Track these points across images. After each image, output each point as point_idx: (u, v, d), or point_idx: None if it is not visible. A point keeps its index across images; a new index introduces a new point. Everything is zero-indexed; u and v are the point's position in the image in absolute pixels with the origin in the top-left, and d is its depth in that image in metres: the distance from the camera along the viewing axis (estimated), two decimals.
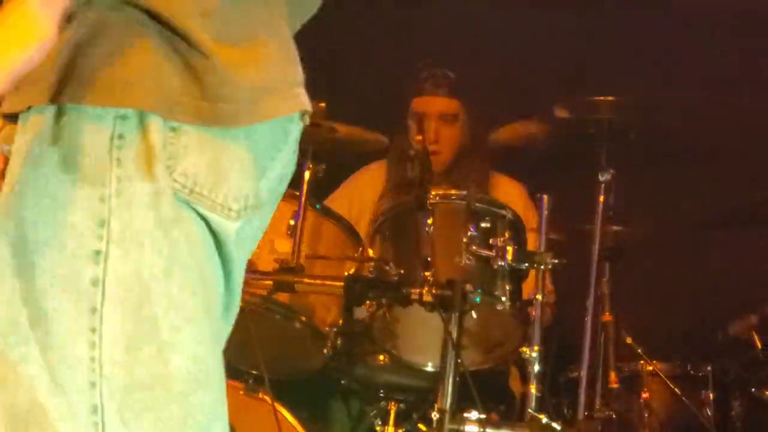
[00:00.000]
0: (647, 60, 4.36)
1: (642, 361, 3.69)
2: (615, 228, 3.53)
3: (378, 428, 3.73)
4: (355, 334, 3.62)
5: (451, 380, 3.13)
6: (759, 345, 3.66)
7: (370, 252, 3.44)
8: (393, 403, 3.73)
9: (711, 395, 3.68)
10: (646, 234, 3.74)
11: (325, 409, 4.03)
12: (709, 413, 3.66)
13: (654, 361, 3.67)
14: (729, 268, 4.25)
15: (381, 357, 3.65)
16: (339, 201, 4.17)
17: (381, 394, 3.76)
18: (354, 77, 4.45)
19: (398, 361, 3.57)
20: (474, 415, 3.11)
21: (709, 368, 3.70)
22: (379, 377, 3.75)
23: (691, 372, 3.71)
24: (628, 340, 3.62)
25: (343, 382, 3.81)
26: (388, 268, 3.22)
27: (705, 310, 4.08)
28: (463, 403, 3.16)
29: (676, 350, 3.82)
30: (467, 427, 3.10)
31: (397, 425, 3.71)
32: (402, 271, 3.22)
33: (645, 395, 3.69)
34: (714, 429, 3.60)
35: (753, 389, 3.57)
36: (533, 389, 3.23)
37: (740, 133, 4.06)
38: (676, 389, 3.58)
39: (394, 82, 4.20)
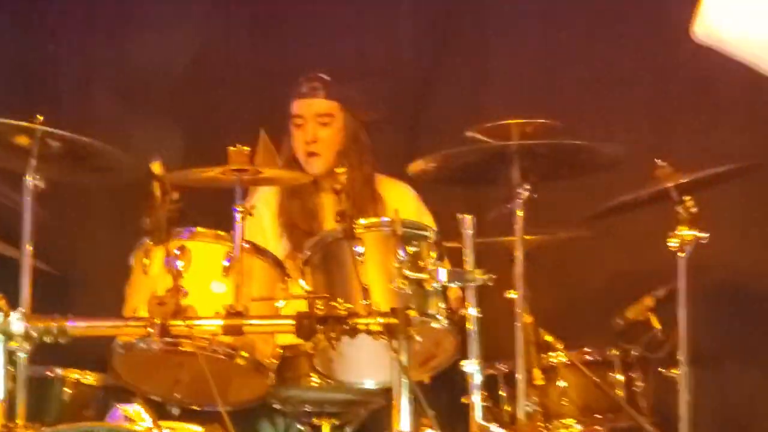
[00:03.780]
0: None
1: (553, 353, 3.96)
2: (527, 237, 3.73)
3: None
4: (287, 359, 3.77)
5: (405, 403, 3.31)
6: (657, 325, 3.97)
7: (305, 284, 3.58)
8: (325, 419, 3.88)
9: (618, 376, 3.99)
10: (554, 240, 4.01)
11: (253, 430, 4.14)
12: (620, 393, 3.97)
13: (567, 352, 3.94)
14: (621, 259, 4.59)
15: (314, 378, 3.78)
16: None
17: (307, 409, 3.89)
18: None
19: (337, 384, 3.72)
20: None
21: (614, 352, 4.02)
22: (308, 395, 3.88)
23: (599, 358, 4.02)
24: (548, 338, 3.88)
25: (274, 405, 3.92)
26: (335, 304, 3.35)
27: (605, 300, 4.38)
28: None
29: (583, 340, 4.09)
30: None
31: None
32: (350, 305, 3.36)
33: (562, 384, 3.97)
34: (627, 407, 3.91)
35: (659, 368, 3.86)
36: (477, 400, 3.41)
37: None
38: (594, 377, 3.86)
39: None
